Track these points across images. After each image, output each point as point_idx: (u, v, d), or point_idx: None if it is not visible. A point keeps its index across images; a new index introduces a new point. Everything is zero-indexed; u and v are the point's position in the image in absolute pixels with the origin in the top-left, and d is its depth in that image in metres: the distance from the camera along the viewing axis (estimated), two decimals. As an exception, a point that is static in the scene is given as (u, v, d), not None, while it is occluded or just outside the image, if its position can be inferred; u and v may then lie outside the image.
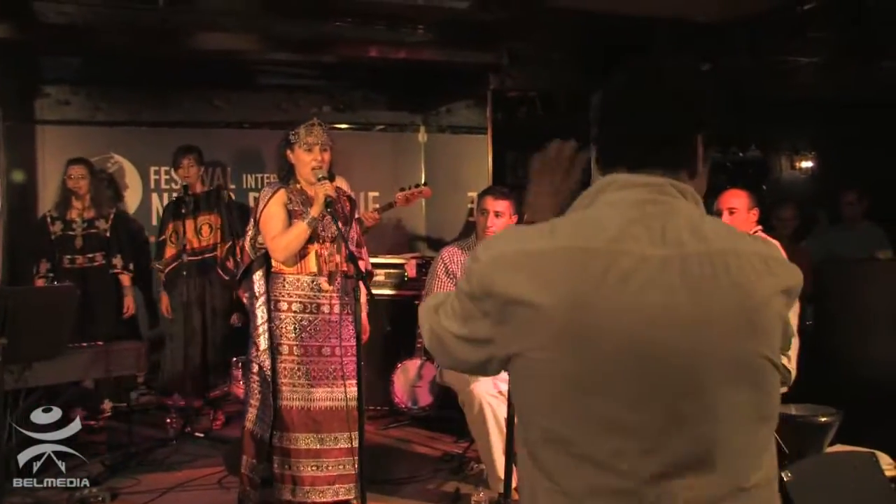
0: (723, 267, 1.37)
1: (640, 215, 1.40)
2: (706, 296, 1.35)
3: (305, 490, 3.76)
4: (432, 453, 5.17)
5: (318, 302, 3.83)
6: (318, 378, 3.81)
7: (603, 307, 1.33)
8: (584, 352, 1.34)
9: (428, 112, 7.88)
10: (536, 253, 1.39)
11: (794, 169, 8.27)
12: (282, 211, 3.81)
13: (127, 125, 6.99)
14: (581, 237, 1.39)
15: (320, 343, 3.82)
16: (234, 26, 5.69)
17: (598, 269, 1.35)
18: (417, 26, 5.87)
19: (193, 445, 5.30)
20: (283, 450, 3.77)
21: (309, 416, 3.79)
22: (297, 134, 3.84)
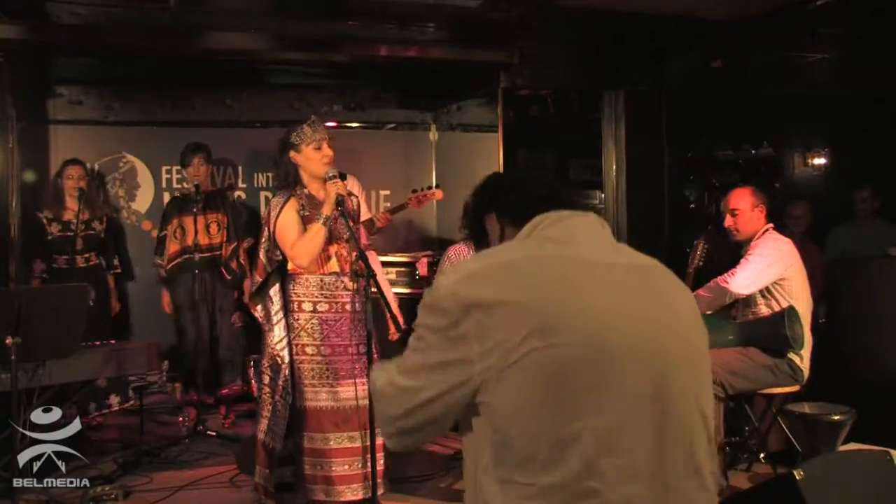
0: (658, 277, 1.65)
1: (579, 235, 1.64)
2: (657, 298, 1.60)
3: (339, 489, 3.74)
4: (443, 451, 5.17)
5: (342, 301, 3.81)
6: (344, 376, 3.79)
7: (570, 303, 1.50)
8: (557, 345, 1.47)
9: (439, 110, 7.88)
10: (506, 263, 1.57)
11: (807, 166, 8.23)
12: (295, 218, 3.77)
13: (139, 125, 7.03)
14: (541, 249, 1.61)
15: (345, 342, 3.80)
16: (246, 26, 5.70)
17: (559, 272, 1.54)
18: (428, 25, 5.87)
19: (205, 444, 5.32)
20: (314, 451, 3.74)
21: (338, 415, 3.76)
22: (301, 134, 3.81)
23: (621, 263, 1.61)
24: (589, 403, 1.46)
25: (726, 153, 7.87)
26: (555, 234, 1.65)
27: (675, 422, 1.52)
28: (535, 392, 1.47)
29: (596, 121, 6.63)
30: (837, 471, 2.72)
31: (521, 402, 1.48)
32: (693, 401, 1.57)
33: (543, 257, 1.58)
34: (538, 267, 1.55)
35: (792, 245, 4.50)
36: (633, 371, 1.49)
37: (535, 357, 1.46)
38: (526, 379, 1.47)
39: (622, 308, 1.53)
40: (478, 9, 5.39)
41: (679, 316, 1.62)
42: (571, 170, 7.59)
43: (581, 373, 1.46)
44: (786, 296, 4.35)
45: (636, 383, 1.49)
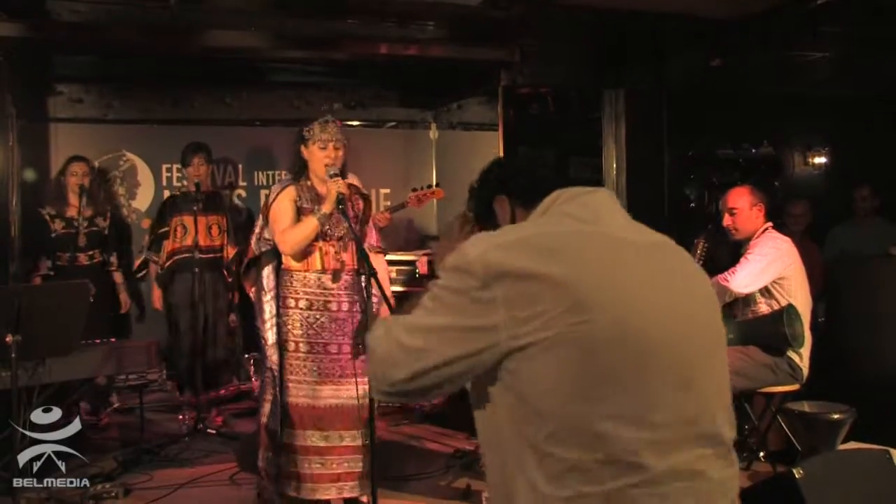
0: (673, 255, 1.65)
1: (602, 212, 1.63)
2: (678, 279, 1.60)
3: (309, 487, 3.76)
4: (444, 449, 5.17)
5: (325, 299, 3.83)
6: (326, 375, 3.81)
7: (606, 281, 1.49)
8: (591, 321, 1.45)
9: (439, 109, 7.88)
10: (535, 236, 1.54)
11: (807, 165, 8.23)
12: (291, 206, 3.82)
13: (139, 123, 7.03)
14: (561, 225, 1.60)
15: (327, 341, 3.82)
16: (246, 24, 5.70)
17: (595, 249, 1.53)
18: (428, 23, 5.87)
19: (205, 442, 5.32)
20: (289, 446, 3.78)
21: (314, 414, 3.79)
22: (311, 130, 3.84)
23: (642, 242, 1.60)
24: (621, 382, 1.45)
25: (726, 152, 7.87)
26: (574, 210, 1.62)
27: (700, 401, 1.53)
28: (567, 369, 1.44)
29: (596, 119, 6.63)
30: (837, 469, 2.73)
31: (553, 378, 1.45)
32: (715, 381, 1.58)
33: (579, 232, 1.56)
34: (575, 242, 1.53)
35: (791, 244, 4.51)
36: (663, 350, 1.49)
37: (570, 334, 1.43)
38: (559, 356, 1.44)
39: (649, 289, 1.52)
40: (478, 7, 5.40)
41: (697, 295, 1.62)
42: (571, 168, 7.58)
43: (613, 351, 1.44)
44: (785, 294, 4.36)
45: (665, 363, 1.49)
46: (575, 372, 1.44)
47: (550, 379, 1.45)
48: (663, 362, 1.48)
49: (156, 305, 5.99)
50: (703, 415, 1.52)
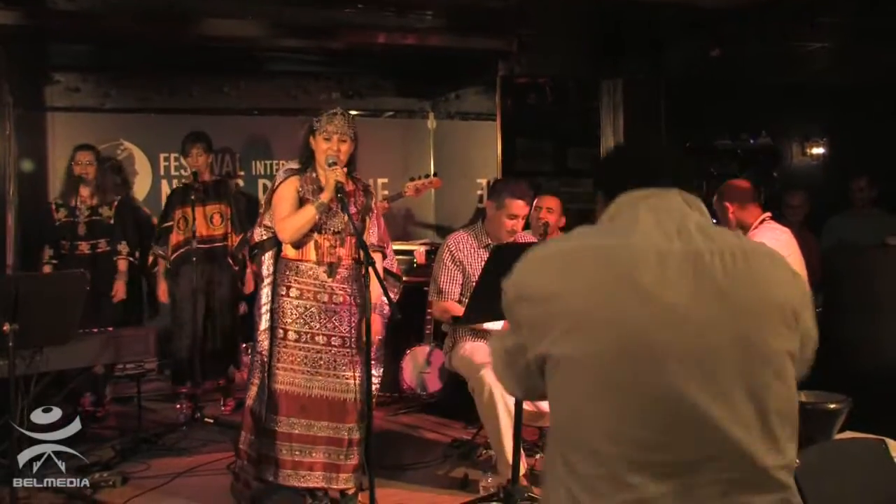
0: (718, 263, 1.51)
1: (655, 219, 1.56)
2: (709, 287, 1.49)
3: (287, 473, 3.76)
4: (441, 439, 5.18)
5: (316, 290, 3.83)
6: (314, 366, 3.81)
7: (619, 297, 1.46)
8: (599, 340, 1.46)
9: (437, 98, 7.88)
10: (567, 250, 1.56)
11: (806, 156, 8.23)
12: (293, 194, 3.82)
13: (136, 112, 7.02)
14: (607, 237, 1.58)
15: (317, 332, 3.82)
16: (244, 13, 5.68)
17: (618, 263, 1.49)
18: (426, 12, 5.86)
19: (203, 431, 5.32)
20: (270, 431, 3.78)
21: (299, 402, 3.78)
22: (319, 121, 3.84)
23: (678, 251, 1.50)
24: (611, 400, 1.45)
25: (725, 142, 7.87)
26: (619, 219, 1.60)
27: (710, 424, 1.44)
28: (568, 387, 1.50)
29: (594, 109, 6.63)
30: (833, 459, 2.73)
31: (558, 395, 1.53)
32: (741, 400, 1.46)
33: (593, 247, 1.55)
34: (581, 260, 1.53)
35: (790, 234, 4.51)
36: (674, 367, 1.43)
37: (569, 353, 1.48)
38: (562, 374, 1.50)
39: (663, 301, 1.45)
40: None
41: (734, 306, 1.48)
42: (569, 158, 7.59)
43: (620, 370, 1.44)
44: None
45: (675, 380, 1.43)
46: (575, 389, 1.49)
47: (557, 396, 1.53)
48: (661, 380, 1.44)
49: (161, 298, 5.97)
50: (715, 439, 1.44)
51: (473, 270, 4.27)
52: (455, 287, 4.42)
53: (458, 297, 4.41)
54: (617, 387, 1.44)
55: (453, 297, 4.41)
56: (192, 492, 4.27)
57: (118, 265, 5.82)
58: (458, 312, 4.15)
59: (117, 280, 5.80)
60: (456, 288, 4.42)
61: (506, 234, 4.42)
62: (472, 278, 4.24)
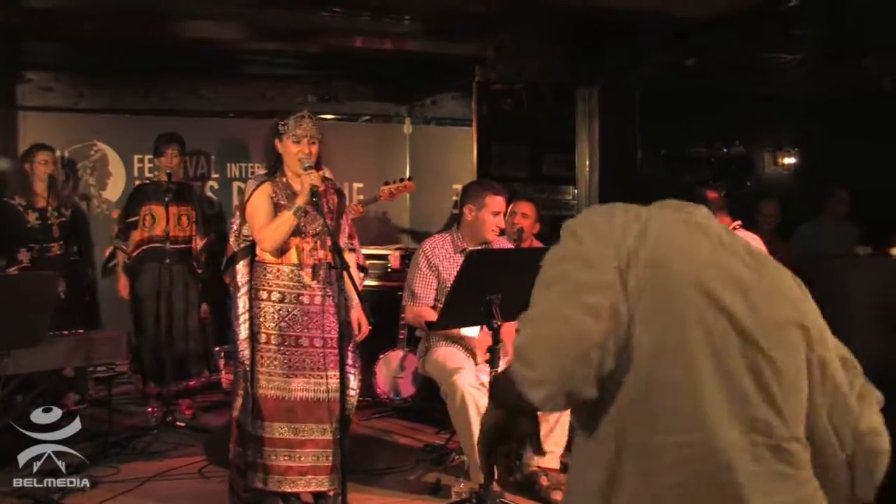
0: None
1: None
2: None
3: (277, 479, 3.75)
4: (414, 444, 5.18)
5: (297, 292, 3.82)
6: (296, 369, 3.80)
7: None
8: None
9: (413, 103, 7.88)
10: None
11: (777, 165, 8.32)
12: (267, 202, 3.80)
13: (110, 112, 6.97)
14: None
15: (298, 334, 3.81)
16: (220, 15, 5.66)
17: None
18: (403, 17, 5.86)
19: (175, 435, 5.28)
20: (257, 438, 3.77)
21: (284, 406, 3.78)
22: (286, 124, 3.82)
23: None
24: None
25: (698, 151, 7.94)
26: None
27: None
28: None
29: (569, 116, 6.66)
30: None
31: None
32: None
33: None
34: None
35: (760, 241, 4.55)
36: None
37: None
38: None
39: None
40: (453, 2, 5.39)
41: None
42: (545, 165, 7.63)
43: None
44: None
45: None
46: None
47: None
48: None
49: (122, 294, 5.92)
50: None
51: (448, 275, 4.27)
52: (429, 292, 4.42)
53: (433, 302, 4.41)
54: None
55: (428, 302, 4.41)
56: (163, 496, 4.24)
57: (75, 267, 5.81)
58: (432, 317, 4.15)
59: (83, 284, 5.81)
60: (430, 293, 4.42)
61: (491, 233, 4.43)
62: (447, 283, 4.24)
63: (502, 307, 3.35)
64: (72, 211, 5.83)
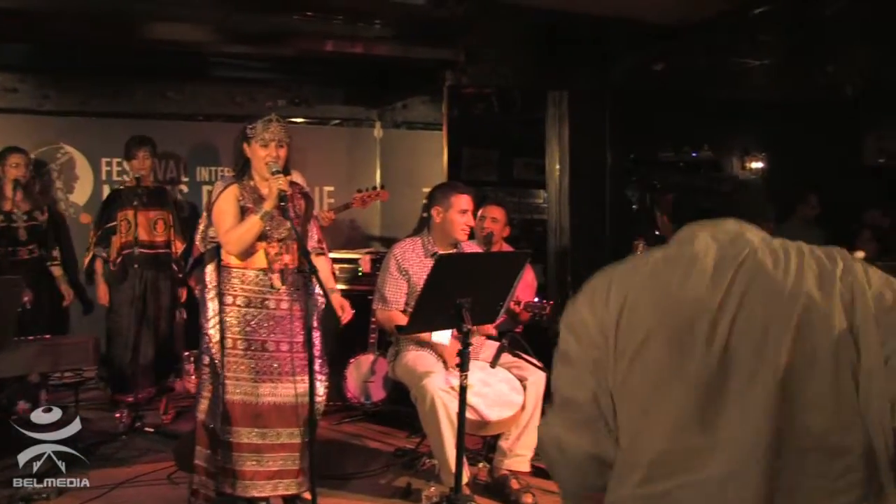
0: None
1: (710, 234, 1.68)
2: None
3: (245, 484, 3.74)
4: (385, 448, 5.17)
5: (263, 297, 3.81)
6: (263, 373, 3.79)
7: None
8: None
9: (384, 107, 7.88)
10: None
11: (745, 169, 8.42)
12: (234, 205, 3.79)
13: (77, 115, 6.88)
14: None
15: (264, 338, 3.80)
16: (190, 17, 5.62)
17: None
18: (374, 21, 5.86)
19: (143, 440, 5.23)
20: (225, 443, 3.75)
21: (252, 411, 3.76)
22: (254, 129, 3.81)
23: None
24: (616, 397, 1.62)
25: (667, 155, 8.01)
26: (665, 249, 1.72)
27: (661, 421, 1.60)
28: None
29: (540, 120, 6.69)
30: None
31: None
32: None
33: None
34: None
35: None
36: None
37: None
38: None
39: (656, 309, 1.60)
40: (424, 6, 5.40)
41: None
42: (515, 168, 7.66)
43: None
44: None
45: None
46: None
47: None
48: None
49: (102, 301, 5.87)
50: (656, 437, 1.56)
51: (418, 279, 4.28)
52: (400, 296, 4.42)
53: (403, 305, 4.41)
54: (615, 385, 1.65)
55: (398, 306, 4.41)
56: (132, 502, 4.20)
57: (52, 271, 5.74)
58: (402, 322, 4.15)
59: (62, 284, 5.73)
60: (401, 297, 4.42)
61: (461, 232, 4.44)
62: (418, 287, 4.24)
63: (472, 311, 3.36)
64: (49, 215, 5.77)
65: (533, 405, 4.23)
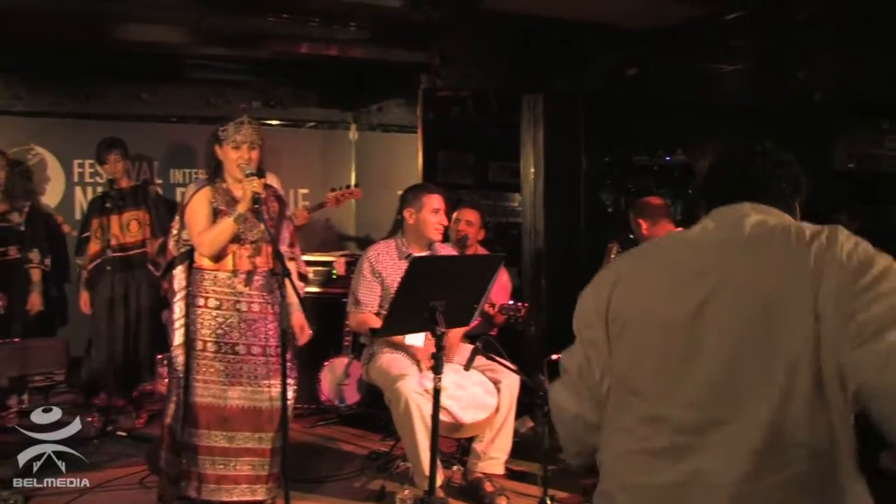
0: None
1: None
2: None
3: (211, 488, 3.73)
4: (359, 451, 5.17)
5: (235, 300, 3.80)
6: (234, 377, 3.78)
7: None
8: None
9: (359, 110, 7.87)
10: None
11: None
12: (206, 208, 3.78)
13: (49, 116, 6.82)
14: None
15: (235, 341, 3.79)
16: (164, 18, 5.58)
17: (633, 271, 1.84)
18: (350, 24, 5.85)
19: (116, 444, 5.19)
20: (191, 446, 3.74)
21: (220, 414, 3.75)
22: (225, 131, 3.80)
23: (710, 241, 1.74)
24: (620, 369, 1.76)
25: (642, 159, 8.05)
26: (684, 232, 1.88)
27: (662, 396, 1.69)
28: None
29: (515, 124, 6.70)
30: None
31: None
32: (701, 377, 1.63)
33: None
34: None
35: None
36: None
37: None
38: None
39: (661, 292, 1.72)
40: (399, 9, 5.40)
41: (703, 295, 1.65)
42: (491, 172, 7.67)
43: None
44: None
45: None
46: None
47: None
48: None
49: (83, 309, 5.82)
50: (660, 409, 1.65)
51: (392, 282, 4.28)
52: (374, 298, 4.42)
53: (377, 308, 4.41)
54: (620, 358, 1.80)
55: (372, 309, 4.41)
56: (102, 508, 4.17)
57: (31, 275, 5.67)
58: (376, 324, 4.15)
59: (32, 291, 5.65)
60: (374, 299, 4.42)
61: (435, 231, 4.45)
62: (392, 290, 4.24)
63: (446, 314, 3.37)
64: (28, 216, 5.69)
65: (507, 408, 4.24)
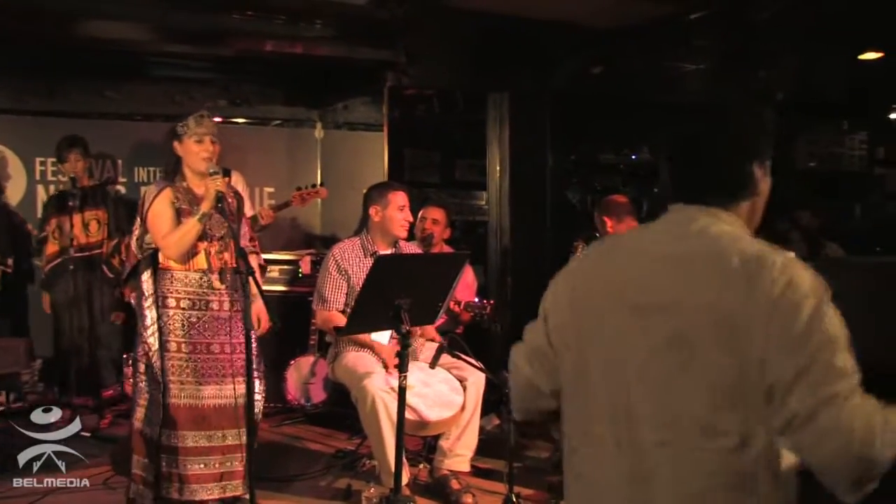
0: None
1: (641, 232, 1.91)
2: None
3: (192, 488, 3.72)
4: (325, 450, 5.17)
5: (207, 299, 3.79)
6: (207, 375, 3.77)
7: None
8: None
9: (325, 108, 7.85)
10: None
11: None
12: (169, 210, 3.75)
13: (11, 113, 6.73)
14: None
15: (209, 340, 3.78)
16: (128, 15, 5.54)
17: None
18: (315, 21, 5.84)
19: (80, 445, 5.12)
20: (171, 448, 3.72)
21: (197, 414, 3.74)
22: (186, 125, 3.78)
23: (658, 254, 1.75)
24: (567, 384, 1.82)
25: (608, 157, 8.11)
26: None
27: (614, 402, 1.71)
28: None
29: (481, 122, 6.73)
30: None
31: None
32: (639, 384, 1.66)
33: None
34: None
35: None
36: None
37: None
38: None
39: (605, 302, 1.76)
40: (365, 7, 5.41)
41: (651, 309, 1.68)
42: (457, 170, 7.70)
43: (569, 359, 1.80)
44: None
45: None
46: None
47: None
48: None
49: (46, 309, 5.77)
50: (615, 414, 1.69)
51: (358, 280, 4.28)
52: (340, 296, 4.43)
53: (343, 306, 4.41)
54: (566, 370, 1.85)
55: (338, 307, 4.41)
56: (66, 509, 4.14)
57: None
58: (342, 322, 4.15)
59: None
60: (340, 297, 4.43)
61: (401, 228, 4.47)
62: (357, 288, 4.25)
63: (411, 312, 3.38)
64: None
65: (473, 405, 4.27)
